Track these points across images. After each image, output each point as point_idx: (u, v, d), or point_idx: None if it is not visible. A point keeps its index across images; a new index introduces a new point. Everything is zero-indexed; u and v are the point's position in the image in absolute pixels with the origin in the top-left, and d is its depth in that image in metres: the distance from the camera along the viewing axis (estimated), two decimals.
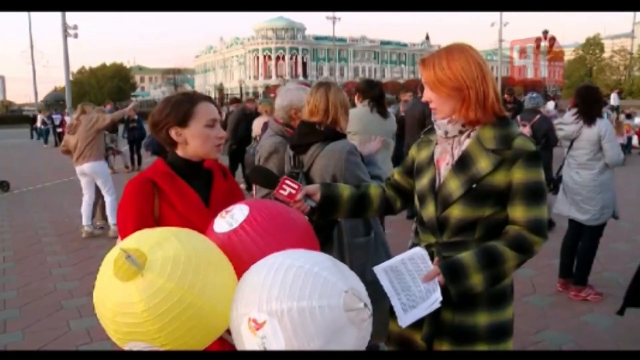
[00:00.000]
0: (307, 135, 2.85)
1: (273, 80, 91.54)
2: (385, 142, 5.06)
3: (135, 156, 15.77)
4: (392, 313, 1.98)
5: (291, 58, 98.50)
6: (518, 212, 1.91)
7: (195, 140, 2.05)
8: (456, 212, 1.96)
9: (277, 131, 3.30)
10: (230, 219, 1.63)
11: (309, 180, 2.79)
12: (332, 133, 2.83)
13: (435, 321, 1.97)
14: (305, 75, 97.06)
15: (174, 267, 1.34)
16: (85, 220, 7.95)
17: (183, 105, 2.05)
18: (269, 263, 1.38)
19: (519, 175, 1.90)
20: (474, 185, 1.92)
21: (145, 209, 1.96)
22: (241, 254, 1.55)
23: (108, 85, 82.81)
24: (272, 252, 1.46)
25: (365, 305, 1.30)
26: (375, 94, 5.06)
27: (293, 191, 2.04)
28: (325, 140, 2.80)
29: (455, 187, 1.96)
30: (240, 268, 1.48)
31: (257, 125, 8.71)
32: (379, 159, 4.75)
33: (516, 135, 1.94)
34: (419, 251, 1.94)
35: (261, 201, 1.81)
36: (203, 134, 2.05)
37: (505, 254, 1.88)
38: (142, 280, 1.32)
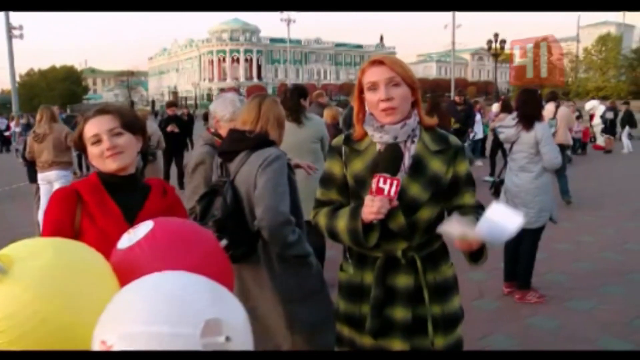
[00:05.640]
0: (235, 142, 2.77)
1: (228, 83, 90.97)
2: (309, 148, 5.01)
3: (84, 162, 15.40)
4: (338, 318, 2.22)
5: (246, 60, 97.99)
6: (467, 198, 2.13)
7: (93, 161, 2.06)
8: (425, 214, 2.05)
9: (207, 140, 3.24)
10: (133, 235, 1.54)
11: (235, 190, 2.70)
12: (261, 140, 2.75)
13: (381, 317, 2.07)
14: (260, 77, 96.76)
15: (37, 278, 1.25)
16: None
17: (79, 128, 2.07)
18: (138, 283, 1.29)
19: (461, 167, 2.11)
20: (437, 187, 2.04)
21: (63, 220, 1.94)
22: (134, 272, 1.43)
23: (59, 88, 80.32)
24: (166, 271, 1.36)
25: (228, 338, 1.18)
26: (290, 104, 4.99)
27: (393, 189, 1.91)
28: (254, 148, 2.72)
29: (418, 191, 2.01)
30: None
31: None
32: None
33: (447, 134, 2.16)
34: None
35: (172, 219, 1.71)
36: (92, 153, 2.05)
37: None
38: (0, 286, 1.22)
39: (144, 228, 1.55)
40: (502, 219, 1.88)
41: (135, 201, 2.04)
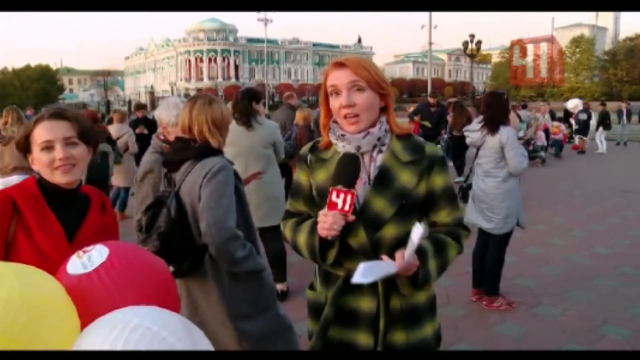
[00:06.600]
0: (179, 151, 2.65)
1: (205, 83, 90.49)
2: (259, 153, 4.89)
3: None
4: (309, 338, 1.99)
5: (223, 60, 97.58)
6: (443, 215, 1.94)
7: (37, 167, 1.87)
8: (390, 231, 1.87)
9: (156, 148, 3.10)
10: (87, 260, 1.43)
11: (179, 201, 2.57)
12: (206, 150, 2.61)
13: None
14: (237, 77, 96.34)
15: (4, 311, 1.13)
16: None
17: (27, 128, 1.88)
18: (114, 320, 1.20)
19: (439, 181, 1.91)
20: (404, 201, 1.86)
21: None
22: (91, 302, 1.36)
23: (33, 87, 79.07)
24: (125, 302, 1.30)
25: None
26: (240, 107, 4.89)
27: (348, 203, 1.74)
28: (198, 158, 2.59)
29: (382, 206, 1.85)
30: (88, 317, 1.29)
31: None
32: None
33: (424, 143, 1.95)
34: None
35: (124, 245, 1.61)
36: (39, 160, 1.86)
37: (449, 242, 1.91)
38: None
39: (98, 254, 1.45)
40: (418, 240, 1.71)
41: (75, 217, 1.90)
